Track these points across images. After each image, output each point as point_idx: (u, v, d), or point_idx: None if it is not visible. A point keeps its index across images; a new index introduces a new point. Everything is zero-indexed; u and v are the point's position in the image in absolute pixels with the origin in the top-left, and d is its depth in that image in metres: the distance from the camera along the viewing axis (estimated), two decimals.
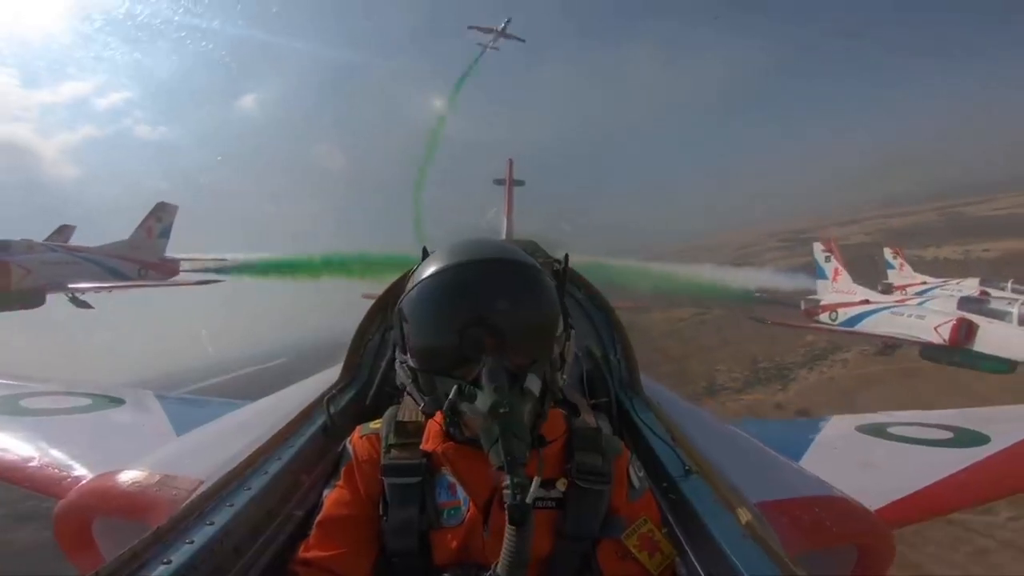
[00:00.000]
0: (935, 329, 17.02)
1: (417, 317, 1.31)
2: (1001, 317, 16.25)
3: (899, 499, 2.24)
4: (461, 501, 1.32)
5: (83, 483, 1.95)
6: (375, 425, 1.47)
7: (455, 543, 1.29)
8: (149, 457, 2.00)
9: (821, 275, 22.80)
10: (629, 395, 2.25)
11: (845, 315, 20.69)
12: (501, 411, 1.12)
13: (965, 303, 17.52)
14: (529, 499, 1.05)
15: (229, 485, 1.45)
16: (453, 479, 1.33)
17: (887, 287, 23.48)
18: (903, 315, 18.64)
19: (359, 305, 2.54)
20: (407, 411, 1.45)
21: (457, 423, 1.27)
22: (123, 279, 21.36)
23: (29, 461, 2.31)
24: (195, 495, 1.42)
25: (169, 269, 23.22)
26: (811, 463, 2.52)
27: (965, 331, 16.47)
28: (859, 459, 2.61)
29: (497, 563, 1.09)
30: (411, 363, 1.33)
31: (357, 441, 1.44)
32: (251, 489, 1.46)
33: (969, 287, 20.35)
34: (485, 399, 1.15)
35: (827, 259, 22.65)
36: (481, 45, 33.54)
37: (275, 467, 1.58)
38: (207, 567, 1.21)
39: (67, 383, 3.48)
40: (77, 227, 22.05)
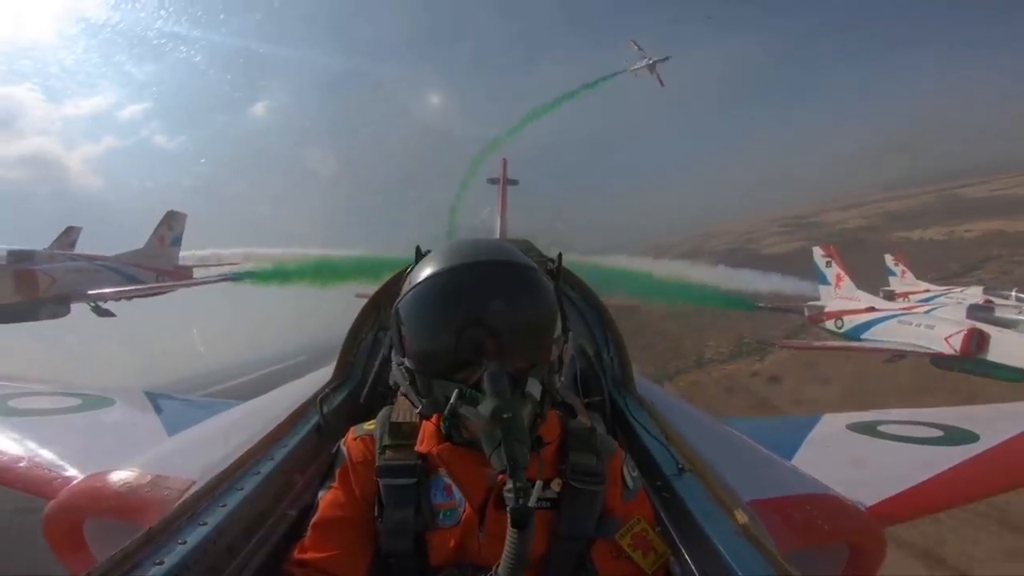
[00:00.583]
0: (946, 340, 16.70)
1: (415, 320, 1.31)
2: (1012, 326, 15.95)
3: (889, 497, 2.25)
4: (457, 502, 1.32)
5: (74, 483, 1.94)
6: (369, 426, 1.46)
7: (451, 544, 1.29)
8: (140, 457, 1.98)
9: (823, 281, 22.44)
10: (623, 394, 2.25)
11: (851, 323, 20.33)
12: (504, 416, 1.13)
13: (974, 311, 17.09)
14: (532, 503, 1.06)
15: (221, 485, 1.44)
16: (449, 480, 1.33)
17: (889, 294, 23.05)
18: (912, 324, 18.21)
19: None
20: (401, 412, 1.44)
21: (457, 426, 1.27)
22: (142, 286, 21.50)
23: (19, 462, 2.29)
24: (187, 495, 1.41)
25: (183, 276, 23.40)
26: (803, 461, 2.53)
27: (977, 341, 16.16)
28: (850, 457, 2.62)
29: (498, 565, 1.09)
30: (408, 365, 1.32)
31: (351, 442, 1.44)
32: (244, 489, 1.45)
33: (972, 295, 20.05)
34: (487, 404, 1.15)
35: (828, 264, 22.27)
36: (632, 68, 31.85)
37: (268, 467, 1.57)
38: (200, 567, 1.20)
39: (57, 384, 3.46)
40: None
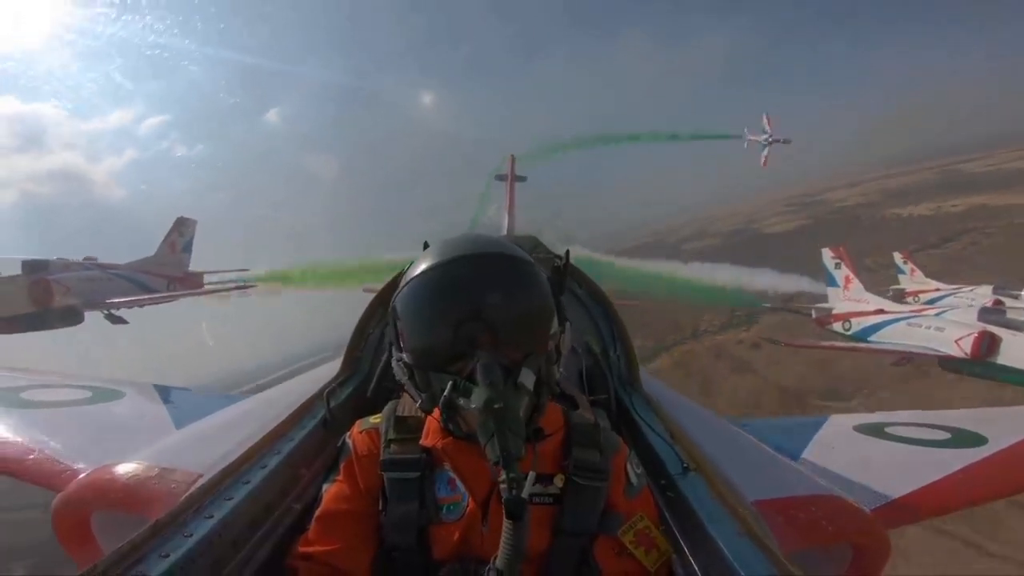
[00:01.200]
0: (956, 342, 16.43)
1: (410, 314, 1.32)
2: None
3: (895, 499, 2.24)
4: (461, 496, 1.32)
5: (81, 476, 1.94)
6: (375, 420, 1.47)
7: (454, 538, 1.29)
8: (148, 450, 1.99)
9: (832, 283, 22.20)
10: (628, 392, 2.25)
11: (859, 325, 19.99)
12: (496, 406, 1.13)
13: (985, 314, 16.75)
14: (525, 494, 1.06)
15: (228, 479, 1.45)
16: (453, 474, 1.34)
17: (898, 293, 22.80)
18: (921, 326, 17.88)
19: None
20: (407, 406, 1.45)
21: (454, 419, 1.27)
22: (154, 294, 21.72)
23: (29, 454, 2.31)
24: (194, 488, 1.42)
25: (193, 283, 23.59)
26: (809, 462, 2.52)
27: (988, 344, 15.89)
28: (856, 458, 2.60)
29: (496, 557, 1.10)
30: (407, 360, 1.33)
31: (357, 436, 1.45)
32: (250, 483, 1.45)
33: (982, 295, 19.71)
34: (480, 394, 1.15)
35: (837, 266, 22.04)
36: (751, 139, 31.35)
37: (274, 461, 1.58)
38: (205, 560, 1.21)
39: (68, 375, 3.48)
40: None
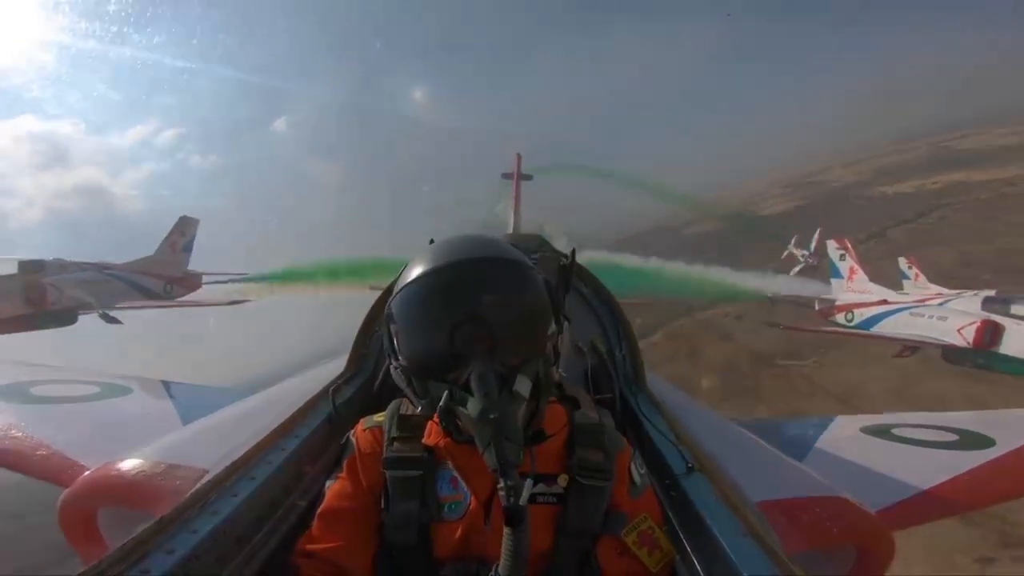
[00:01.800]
0: (958, 331, 16.23)
1: (405, 321, 1.31)
2: None
3: (902, 500, 2.23)
4: (463, 495, 1.32)
5: (88, 472, 1.96)
6: (379, 418, 1.47)
7: (456, 536, 1.29)
8: (154, 446, 2.00)
9: (836, 275, 22.02)
10: (633, 391, 2.24)
11: (862, 316, 19.88)
12: (491, 416, 1.13)
13: (989, 303, 16.52)
14: (522, 501, 1.07)
15: (233, 475, 1.45)
16: (455, 473, 1.34)
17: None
18: (923, 316, 17.76)
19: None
20: (411, 405, 1.45)
21: (453, 424, 1.27)
22: (150, 294, 21.69)
23: (37, 449, 2.33)
24: (199, 485, 1.43)
25: (192, 283, 23.48)
26: (814, 463, 2.51)
27: (991, 333, 15.67)
28: (863, 460, 2.59)
29: (498, 564, 1.10)
30: (404, 366, 1.33)
31: (360, 433, 1.45)
32: (255, 479, 1.46)
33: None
34: (475, 405, 1.15)
35: (842, 257, 21.86)
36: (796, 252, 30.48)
37: (279, 457, 1.58)
38: (210, 556, 1.22)
39: (77, 371, 3.51)
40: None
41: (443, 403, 1.21)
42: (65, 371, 3.50)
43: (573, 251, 1.58)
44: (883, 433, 2.90)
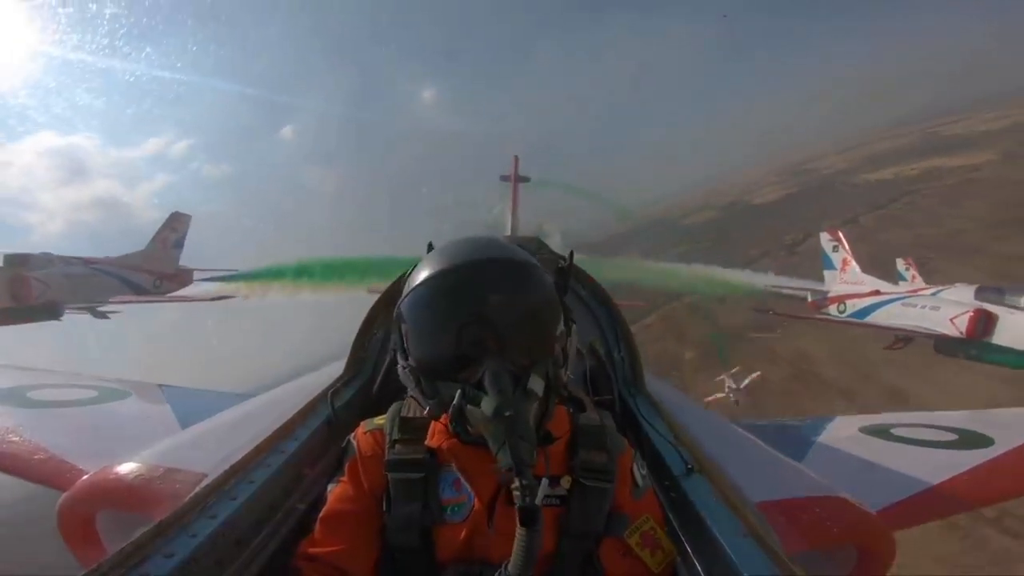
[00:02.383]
0: (951, 321, 16.13)
1: (416, 323, 1.32)
2: (1022, 306, 15.12)
3: (901, 500, 2.23)
4: (466, 497, 1.32)
5: (86, 476, 1.95)
6: (379, 420, 1.47)
7: (459, 539, 1.29)
8: (152, 450, 1.99)
9: (829, 266, 21.97)
10: (632, 392, 2.24)
11: (854, 307, 19.87)
12: (506, 414, 1.13)
13: (983, 292, 16.34)
14: (538, 501, 1.06)
15: (232, 478, 1.45)
16: (458, 475, 1.33)
17: None
18: (916, 306, 17.69)
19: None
20: (412, 407, 1.45)
21: (463, 425, 1.26)
22: (140, 290, 21.58)
23: (35, 453, 2.32)
24: (198, 488, 1.42)
25: (182, 280, 23.37)
26: (814, 463, 2.51)
27: (984, 323, 15.49)
28: (862, 460, 2.60)
29: (508, 563, 1.09)
30: (413, 367, 1.33)
31: (361, 436, 1.44)
32: (254, 483, 1.45)
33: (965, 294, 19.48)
34: (489, 403, 1.15)
35: (834, 249, 21.81)
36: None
37: (278, 461, 1.58)
38: (209, 560, 1.21)
39: (74, 375, 3.50)
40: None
41: (456, 402, 1.21)
42: (62, 375, 3.49)
43: (571, 253, 1.59)
44: (882, 433, 2.91)
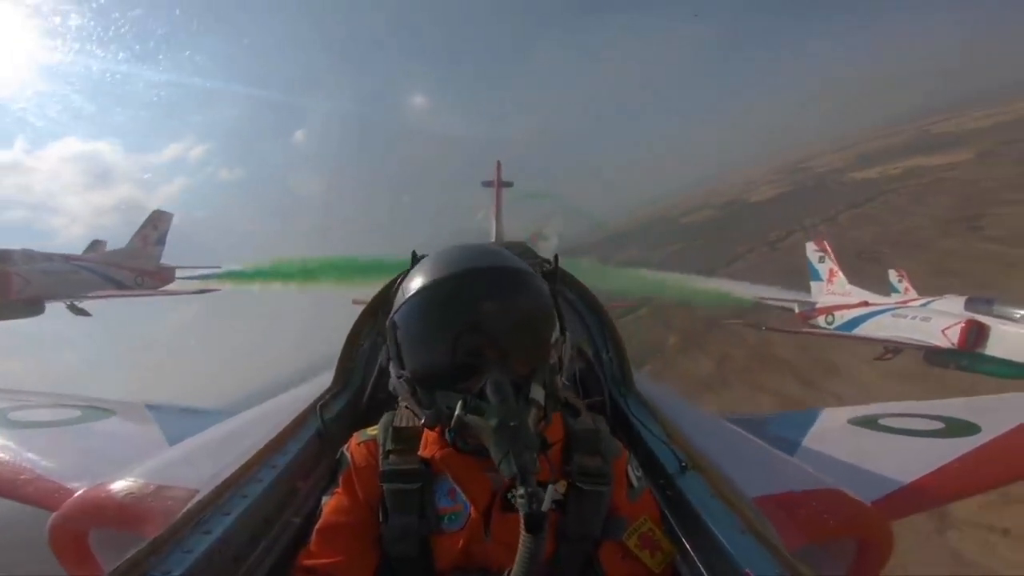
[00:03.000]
0: (943, 332, 15.80)
1: (412, 333, 1.31)
2: (1013, 318, 14.94)
3: (892, 491, 2.24)
4: (462, 506, 1.32)
5: (77, 495, 1.92)
6: (372, 431, 1.46)
7: (457, 548, 1.29)
8: (143, 467, 1.97)
9: (815, 277, 21.55)
10: (623, 393, 2.25)
11: (842, 318, 19.49)
12: (512, 424, 1.13)
13: (972, 303, 16.04)
14: (544, 507, 1.06)
15: (225, 493, 1.43)
16: (453, 484, 1.33)
17: None
18: (906, 317, 17.32)
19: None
20: (404, 417, 1.44)
21: (463, 435, 1.26)
22: (121, 286, 21.40)
23: (21, 474, 2.28)
24: (191, 504, 1.41)
25: (165, 277, 23.15)
26: (804, 457, 2.52)
27: (975, 334, 15.22)
28: (851, 452, 2.61)
29: (510, 570, 1.09)
30: (408, 377, 1.32)
31: (355, 448, 1.44)
32: (247, 497, 1.44)
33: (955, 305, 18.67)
34: (492, 413, 1.15)
35: (821, 260, 21.46)
36: None
37: (270, 475, 1.56)
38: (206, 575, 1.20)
39: (56, 395, 3.44)
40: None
41: (458, 413, 1.20)
42: (44, 396, 3.43)
43: (556, 257, 1.59)
44: (870, 424, 2.92)
